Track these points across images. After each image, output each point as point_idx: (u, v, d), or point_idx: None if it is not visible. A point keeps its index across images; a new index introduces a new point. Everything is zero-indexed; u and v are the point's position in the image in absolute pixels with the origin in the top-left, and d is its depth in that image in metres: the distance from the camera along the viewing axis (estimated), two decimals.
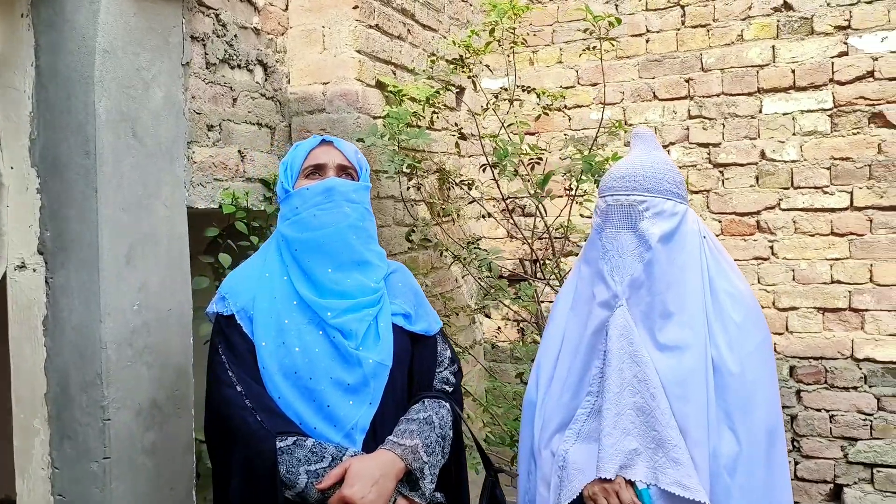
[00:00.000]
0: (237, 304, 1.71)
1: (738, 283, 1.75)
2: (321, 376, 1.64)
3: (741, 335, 1.68)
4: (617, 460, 1.61)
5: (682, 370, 1.64)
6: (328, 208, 1.70)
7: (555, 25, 3.70)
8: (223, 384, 1.65)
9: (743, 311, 1.70)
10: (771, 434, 1.66)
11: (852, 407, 3.19)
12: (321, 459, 1.57)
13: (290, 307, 1.68)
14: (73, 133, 1.97)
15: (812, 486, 3.27)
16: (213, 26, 2.39)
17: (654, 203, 1.69)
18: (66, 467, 2.02)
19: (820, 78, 3.22)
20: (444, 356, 1.87)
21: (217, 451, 1.69)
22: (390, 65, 2.93)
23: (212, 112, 2.39)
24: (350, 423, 1.64)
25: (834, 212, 3.21)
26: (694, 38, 3.44)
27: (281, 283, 1.72)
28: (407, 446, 1.62)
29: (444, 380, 1.84)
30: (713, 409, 1.64)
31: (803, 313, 3.26)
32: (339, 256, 1.70)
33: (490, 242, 3.69)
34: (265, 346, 1.65)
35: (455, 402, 1.82)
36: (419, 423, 1.68)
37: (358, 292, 1.71)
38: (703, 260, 1.72)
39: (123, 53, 2.03)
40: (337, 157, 1.77)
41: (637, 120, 3.53)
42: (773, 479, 1.67)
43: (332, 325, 1.66)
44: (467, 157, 3.50)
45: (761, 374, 1.69)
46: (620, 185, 1.72)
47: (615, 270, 1.70)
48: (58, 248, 2.00)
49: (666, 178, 1.72)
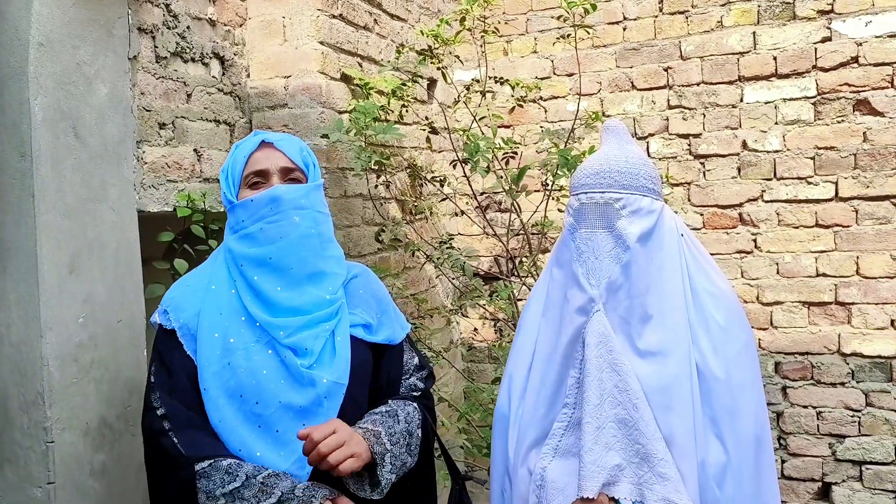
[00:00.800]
0: (179, 319, 1.60)
1: (719, 281, 1.65)
2: (269, 400, 1.52)
3: (725, 337, 1.59)
4: (599, 477, 1.50)
5: (666, 377, 1.54)
6: (275, 220, 1.58)
7: (529, 14, 3.58)
8: (147, 408, 1.57)
9: (725, 311, 1.61)
10: (758, 440, 1.58)
11: (840, 403, 3.11)
12: (234, 479, 1.45)
13: (238, 324, 1.57)
14: (6, 133, 1.83)
15: (799, 484, 3.19)
16: (164, 17, 2.24)
17: (630, 200, 1.59)
18: (8, 493, 1.88)
19: (803, 65, 3.12)
20: (411, 364, 1.76)
21: (149, 480, 1.60)
22: (356, 56, 2.80)
23: (163, 109, 2.25)
24: (301, 449, 1.50)
25: (818, 203, 3.12)
26: (672, 26, 3.33)
27: (228, 296, 1.60)
28: (368, 430, 1.50)
29: (411, 387, 1.73)
30: (699, 417, 1.54)
31: (788, 307, 3.17)
32: (290, 273, 1.58)
33: (465, 240, 3.57)
34: (208, 367, 1.54)
35: (424, 406, 1.70)
36: (381, 414, 1.57)
37: (313, 307, 1.59)
38: (682, 259, 1.62)
39: (62, 47, 1.88)
40: (279, 160, 1.62)
41: (615, 111, 3.42)
42: (762, 487, 1.59)
43: (284, 345, 1.55)
44: (439, 153, 3.37)
45: (747, 378, 1.60)
46: (594, 182, 1.61)
47: (591, 273, 1.59)
48: None
49: (642, 174, 1.62)
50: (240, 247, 1.61)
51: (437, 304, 3.34)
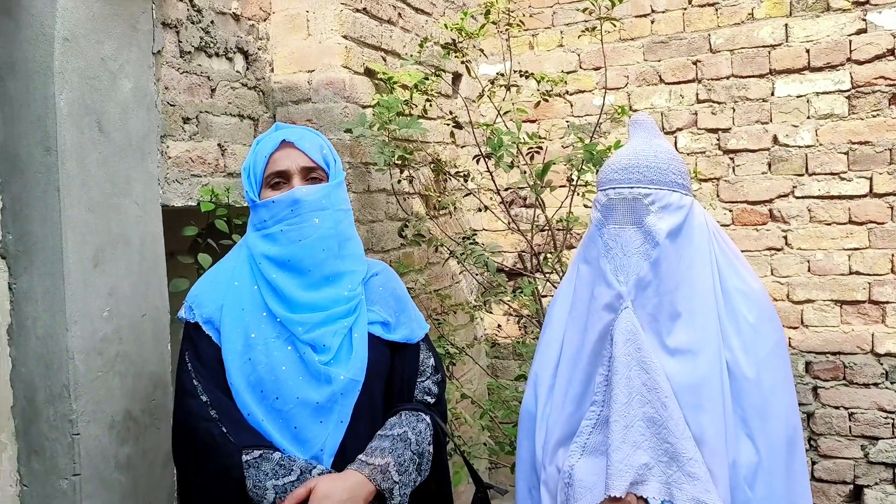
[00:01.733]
0: (203, 314, 1.62)
1: (750, 280, 1.62)
2: (288, 396, 1.56)
3: (756, 337, 1.56)
4: (627, 476, 1.48)
5: (696, 376, 1.52)
6: (295, 223, 1.59)
7: (555, 7, 3.54)
8: (188, 394, 1.58)
9: (757, 310, 1.58)
10: (790, 442, 1.55)
11: (873, 404, 3.04)
12: (289, 473, 1.50)
13: (259, 319, 1.60)
14: (32, 128, 1.84)
15: (831, 486, 3.12)
16: (188, 12, 2.25)
17: (659, 196, 1.56)
18: (34, 484, 1.90)
19: (836, 57, 3.05)
20: (427, 365, 1.75)
21: (181, 464, 1.63)
22: (380, 51, 2.78)
23: (187, 103, 2.25)
24: (318, 445, 1.55)
25: (852, 199, 3.05)
26: (701, 18, 3.27)
27: (251, 292, 1.62)
28: (377, 466, 1.52)
29: (425, 390, 1.72)
30: (730, 417, 1.51)
31: (819, 306, 3.10)
32: (308, 275, 1.60)
33: (489, 235, 3.55)
34: (233, 362, 1.58)
35: (438, 414, 1.71)
36: (393, 439, 1.58)
37: (331, 303, 1.61)
38: (712, 256, 1.59)
39: (86, 42, 1.89)
40: (300, 160, 1.62)
41: (642, 105, 3.37)
42: (794, 489, 1.56)
43: (303, 340, 1.57)
44: (463, 147, 3.35)
45: (778, 379, 1.57)
46: (623, 178, 1.58)
47: (619, 269, 1.57)
48: (20, 251, 1.88)
49: (671, 169, 1.58)
50: (261, 245, 1.63)
51: (460, 300, 3.32)
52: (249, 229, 1.69)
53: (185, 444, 1.59)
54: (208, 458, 1.53)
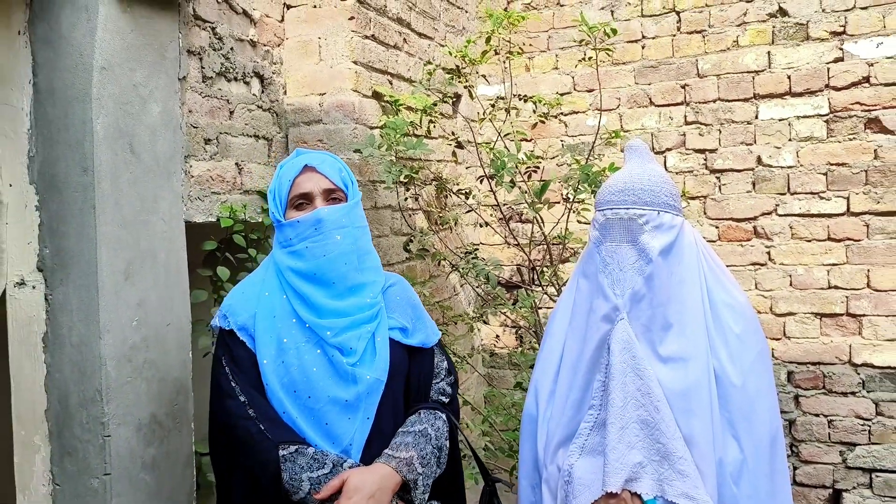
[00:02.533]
0: (237, 321, 1.75)
1: (736, 293, 1.76)
2: (319, 395, 1.68)
3: (741, 347, 1.69)
4: (623, 474, 1.62)
5: (686, 382, 1.65)
6: (319, 240, 1.73)
7: (550, 32, 3.70)
8: (226, 395, 1.69)
9: (742, 322, 1.71)
10: (773, 442, 1.68)
11: (851, 412, 3.20)
12: (322, 466, 1.62)
13: (289, 325, 1.72)
14: (71, 150, 1.98)
15: (811, 490, 3.28)
16: (210, 40, 2.39)
17: (653, 216, 1.70)
18: (66, 483, 2.02)
19: (815, 83, 3.23)
20: (441, 367, 1.90)
21: (220, 461, 1.73)
22: (386, 74, 2.94)
23: (209, 125, 2.39)
24: (347, 440, 1.68)
25: (831, 217, 3.22)
26: (690, 45, 3.45)
27: (280, 301, 1.76)
28: (402, 459, 1.66)
29: (440, 391, 1.87)
30: (717, 420, 1.65)
31: (801, 319, 3.27)
32: (333, 287, 1.74)
33: (488, 249, 3.70)
34: (266, 364, 1.70)
35: (452, 413, 1.85)
36: (415, 435, 1.72)
37: (356, 310, 1.75)
38: (700, 271, 1.73)
39: (121, 70, 2.03)
40: (322, 182, 1.77)
41: (633, 126, 3.53)
42: (776, 486, 1.69)
43: (331, 344, 1.70)
44: (462, 165, 3.50)
45: (762, 385, 1.70)
46: (619, 199, 1.73)
47: (616, 284, 1.71)
48: (57, 265, 2.01)
49: (663, 191, 1.73)
50: (288, 260, 1.76)
51: (459, 311, 3.46)
52: (276, 246, 1.82)
53: (224, 441, 1.70)
54: (247, 454, 1.64)
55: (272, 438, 1.63)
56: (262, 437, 1.63)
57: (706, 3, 3.40)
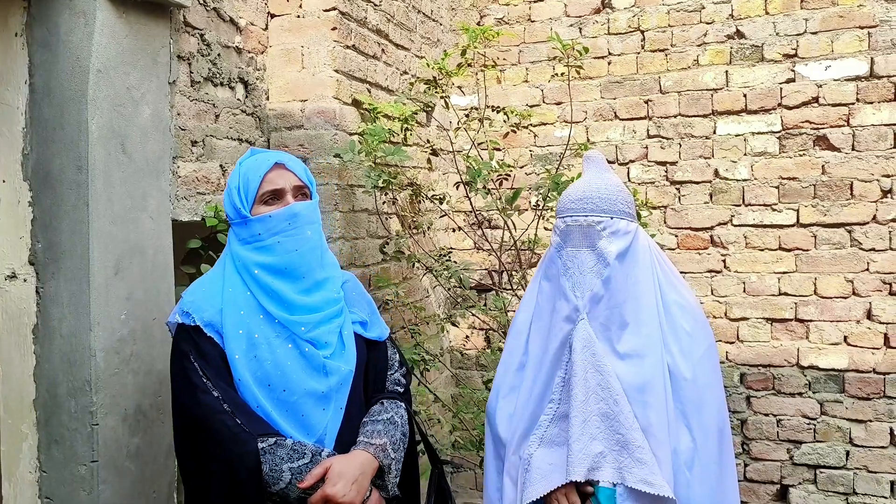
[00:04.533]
0: (203, 317, 1.74)
1: (686, 294, 1.90)
2: (295, 388, 1.73)
3: (691, 343, 1.83)
4: (585, 463, 1.74)
5: (642, 377, 1.78)
6: (292, 234, 1.77)
7: (521, 46, 3.86)
8: (199, 390, 1.68)
9: (692, 320, 1.85)
10: (721, 431, 1.82)
11: (797, 412, 3.40)
12: (302, 456, 1.67)
13: (258, 321, 1.75)
14: (66, 148, 2.05)
15: (760, 486, 3.46)
16: (198, 46, 2.48)
17: (609, 223, 1.82)
18: (53, 471, 2.08)
19: (769, 102, 3.43)
20: (395, 359, 2.01)
21: (193, 457, 1.72)
22: (366, 83, 3.05)
23: (196, 128, 2.48)
24: (321, 430, 1.75)
25: (782, 228, 3.42)
26: (653, 62, 3.63)
27: (245, 297, 1.77)
28: (378, 445, 1.76)
29: (396, 381, 1.98)
30: (671, 411, 1.79)
31: (753, 323, 3.46)
32: (303, 281, 1.78)
33: (459, 254, 3.83)
34: (238, 359, 1.71)
35: (406, 402, 1.96)
36: (384, 423, 1.82)
37: (325, 304, 1.81)
38: (654, 274, 1.86)
39: (115, 73, 2.11)
40: (292, 179, 1.81)
41: (599, 138, 3.70)
42: (724, 471, 1.82)
43: (305, 339, 1.75)
44: (436, 172, 3.63)
45: (710, 378, 1.84)
46: (578, 207, 1.85)
47: (576, 286, 1.83)
48: (49, 259, 2.08)
49: (619, 200, 1.86)
50: (255, 256, 1.78)
51: (430, 312, 3.58)
52: (235, 243, 1.83)
53: (199, 436, 1.68)
54: (225, 448, 1.64)
55: (250, 431, 1.64)
56: (240, 430, 1.64)
57: (669, 24, 3.59)
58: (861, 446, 3.31)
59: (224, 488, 1.65)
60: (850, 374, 3.32)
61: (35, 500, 2.08)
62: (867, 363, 3.29)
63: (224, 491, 1.65)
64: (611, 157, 3.68)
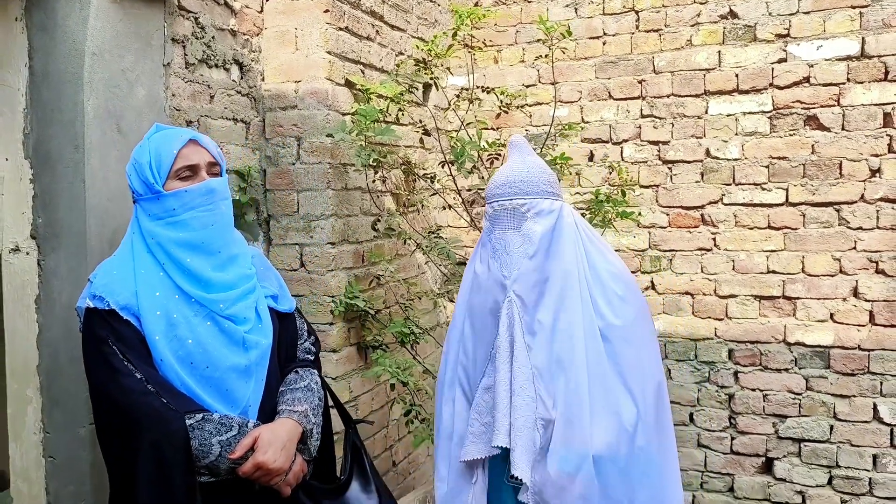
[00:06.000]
0: (118, 301, 1.73)
1: (614, 260, 1.97)
2: (218, 364, 1.77)
3: (623, 305, 1.90)
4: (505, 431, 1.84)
5: (560, 348, 1.85)
6: (208, 210, 1.81)
7: (518, 26, 3.91)
8: (120, 373, 1.68)
9: (622, 284, 1.92)
10: (659, 385, 1.89)
11: (783, 387, 3.46)
12: (230, 429, 1.73)
13: (174, 301, 1.77)
14: (63, 129, 2.16)
15: (746, 459, 3.55)
16: (193, 29, 2.57)
17: (533, 204, 1.91)
18: (55, 432, 2.22)
19: (761, 82, 3.47)
20: (303, 329, 2.11)
21: (118, 442, 1.70)
22: (359, 64, 3.13)
23: (191, 108, 2.58)
24: (245, 402, 1.82)
25: (771, 207, 3.47)
26: (647, 42, 3.67)
27: (159, 278, 1.78)
28: (300, 412, 1.86)
29: (306, 350, 2.08)
30: (609, 374, 1.83)
31: (741, 300, 3.52)
32: (218, 255, 1.83)
33: (453, 231, 3.91)
34: (158, 340, 1.73)
35: (318, 368, 2.07)
36: (303, 390, 1.92)
37: (241, 280, 1.87)
38: (578, 247, 1.92)
39: (110, 56, 2.21)
40: (206, 156, 1.85)
41: (593, 118, 3.76)
42: (662, 423, 1.88)
43: (224, 315, 1.80)
44: (431, 151, 3.71)
45: (645, 335, 1.92)
46: (503, 192, 1.94)
47: (504, 266, 1.92)
48: (49, 233, 2.20)
49: (541, 180, 1.94)
50: (168, 232, 1.79)
51: (425, 288, 3.68)
52: (145, 219, 1.82)
53: (123, 420, 1.68)
54: (151, 429, 1.64)
55: (176, 409, 1.66)
56: (166, 409, 1.65)
57: (663, 4, 3.62)
58: (845, 421, 3.37)
59: (154, 469, 1.64)
60: (836, 350, 3.38)
61: (39, 459, 2.22)
62: (853, 340, 3.35)
63: (154, 472, 1.64)
64: (605, 137, 3.74)
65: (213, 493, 1.73)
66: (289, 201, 2.97)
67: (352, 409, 3.04)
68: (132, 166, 1.84)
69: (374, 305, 3.10)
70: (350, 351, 3.07)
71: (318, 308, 2.94)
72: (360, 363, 3.12)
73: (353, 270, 3.07)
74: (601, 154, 3.74)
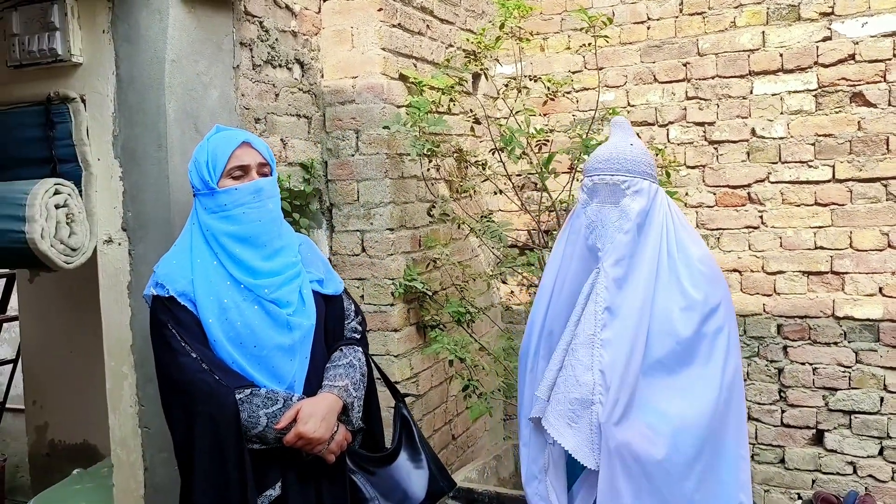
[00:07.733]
0: (176, 288, 1.93)
1: (704, 248, 2.02)
2: (264, 344, 1.95)
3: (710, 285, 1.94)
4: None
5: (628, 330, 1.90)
6: (256, 206, 1.98)
7: (563, 14, 4.01)
8: (178, 353, 1.88)
9: (709, 268, 1.97)
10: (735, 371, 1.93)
11: (833, 360, 3.52)
12: (276, 402, 1.91)
13: (226, 287, 1.95)
14: (147, 130, 2.38)
15: (797, 431, 3.62)
16: (258, 32, 2.77)
17: (633, 182, 1.97)
18: (149, 405, 2.45)
19: (805, 61, 3.51)
20: (350, 310, 2.25)
21: (179, 415, 1.91)
22: (412, 58, 3.29)
23: (258, 107, 2.78)
24: (290, 378, 1.99)
25: (817, 184, 3.52)
26: (691, 25, 3.73)
27: (212, 266, 1.97)
28: (341, 387, 2.02)
29: (352, 329, 2.23)
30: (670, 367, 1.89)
31: (789, 276, 3.59)
32: (265, 247, 2.00)
33: (504, 215, 4.06)
34: (212, 323, 1.92)
35: (363, 346, 2.21)
36: (345, 367, 2.08)
37: (285, 268, 2.03)
38: (668, 230, 1.98)
39: (187, 61, 2.42)
40: (257, 157, 2.02)
41: (639, 101, 3.85)
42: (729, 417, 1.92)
43: (269, 299, 1.96)
44: (481, 140, 3.86)
45: (726, 326, 1.94)
46: (605, 167, 2.01)
47: (598, 239, 1.99)
48: (138, 226, 2.42)
49: (642, 161, 2.01)
50: (221, 225, 1.97)
51: (479, 270, 3.84)
52: (202, 212, 2.02)
53: (183, 397, 1.88)
54: (206, 402, 1.84)
55: (227, 385, 1.86)
56: (218, 385, 1.85)
57: None
58: (895, 392, 3.42)
59: (209, 438, 1.85)
60: (885, 323, 3.42)
61: (136, 429, 2.46)
62: None
63: (210, 439, 1.85)
64: (650, 120, 3.83)
65: (265, 460, 1.93)
66: (349, 190, 3.16)
67: (412, 384, 3.23)
68: (192, 164, 2.04)
69: (432, 287, 3.27)
70: (410, 330, 3.25)
71: (380, 290, 3.12)
72: (419, 342, 3.31)
73: (411, 254, 3.24)
74: (647, 137, 3.83)
